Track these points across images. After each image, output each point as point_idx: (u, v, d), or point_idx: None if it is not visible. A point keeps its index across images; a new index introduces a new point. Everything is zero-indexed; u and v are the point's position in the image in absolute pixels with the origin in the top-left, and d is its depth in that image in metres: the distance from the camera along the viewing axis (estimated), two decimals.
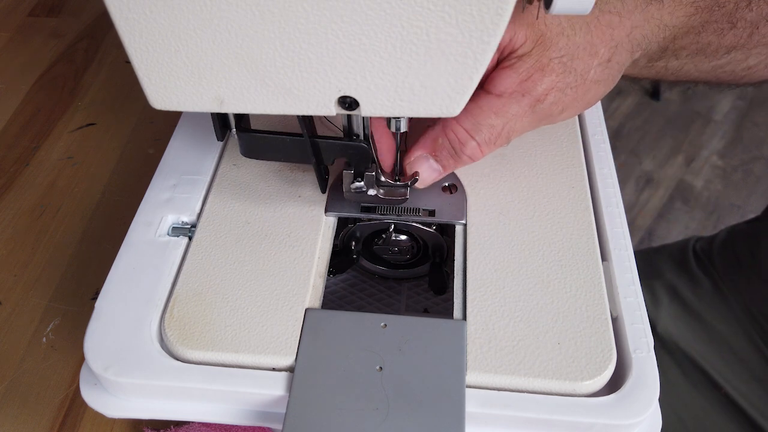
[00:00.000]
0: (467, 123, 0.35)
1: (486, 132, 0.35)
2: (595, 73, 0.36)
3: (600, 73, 0.37)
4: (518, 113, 0.35)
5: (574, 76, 0.36)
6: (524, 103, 0.35)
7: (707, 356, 0.60)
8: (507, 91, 0.35)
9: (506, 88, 0.35)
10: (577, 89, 0.36)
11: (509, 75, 0.35)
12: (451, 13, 0.24)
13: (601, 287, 0.34)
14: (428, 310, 0.42)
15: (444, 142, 0.36)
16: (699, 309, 0.62)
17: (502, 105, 0.35)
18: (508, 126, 0.36)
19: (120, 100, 0.61)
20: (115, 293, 0.34)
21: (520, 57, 0.35)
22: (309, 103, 0.28)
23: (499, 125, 0.35)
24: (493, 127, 0.35)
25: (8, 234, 0.50)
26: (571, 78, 0.36)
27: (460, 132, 0.35)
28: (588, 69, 0.36)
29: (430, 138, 0.36)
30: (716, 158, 1.65)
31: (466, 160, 0.36)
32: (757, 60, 0.42)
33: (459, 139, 0.35)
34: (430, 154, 0.37)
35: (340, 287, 0.43)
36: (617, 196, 0.39)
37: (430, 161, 0.37)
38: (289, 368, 0.31)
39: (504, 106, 0.35)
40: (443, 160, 0.37)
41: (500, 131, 0.36)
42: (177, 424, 0.39)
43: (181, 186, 0.40)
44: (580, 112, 0.41)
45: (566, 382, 0.30)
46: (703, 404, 0.59)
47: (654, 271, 0.67)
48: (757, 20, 0.39)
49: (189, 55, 0.27)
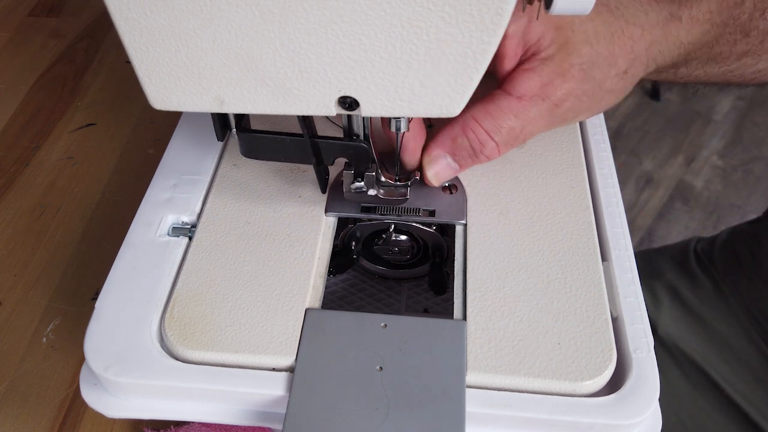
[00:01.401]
0: (487, 123, 0.35)
1: (505, 133, 0.36)
2: (612, 83, 0.37)
3: (615, 84, 0.37)
4: (536, 116, 0.35)
5: (591, 84, 0.36)
6: (543, 107, 0.35)
7: (708, 357, 0.60)
8: (528, 94, 0.35)
9: (527, 91, 0.35)
10: (592, 97, 0.36)
11: (531, 78, 0.35)
12: (451, 13, 0.24)
13: (601, 287, 0.34)
14: (428, 310, 0.42)
15: (463, 142, 0.36)
16: (700, 310, 0.62)
17: (522, 107, 0.35)
18: (527, 129, 0.36)
19: (120, 100, 0.61)
20: (115, 293, 0.34)
21: (543, 60, 0.35)
22: (309, 103, 0.28)
23: (518, 127, 0.36)
24: (512, 129, 0.36)
25: (8, 234, 0.50)
26: (589, 86, 0.36)
27: (480, 132, 0.36)
28: (605, 78, 0.36)
29: (449, 137, 0.36)
30: (716, 158, 1.65)
31: (483, 159, 0.37)
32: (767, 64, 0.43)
33: (479, 139, 0.36)
34: (449, 153, 0.37)
35: (340, 287, 0.43)
36: (617, 196, 0.39)
37: (448, 159, 0.37)
38: (289, 368, 0.31)
39: (524, 109, 0.35)
40: (461, 159, 0.37)
41: (518, 133, 0.36)
42: (177, 424, 0.39)
43: (181, 186, 0.40)
44: (589, 117, 0.42)
45: (566, 382, 0.30)
46: (704, 405, 0.59)
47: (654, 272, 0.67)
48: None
49: (189, 55, 0.27)
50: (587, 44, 0.35)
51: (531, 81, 0.35)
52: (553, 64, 0.35)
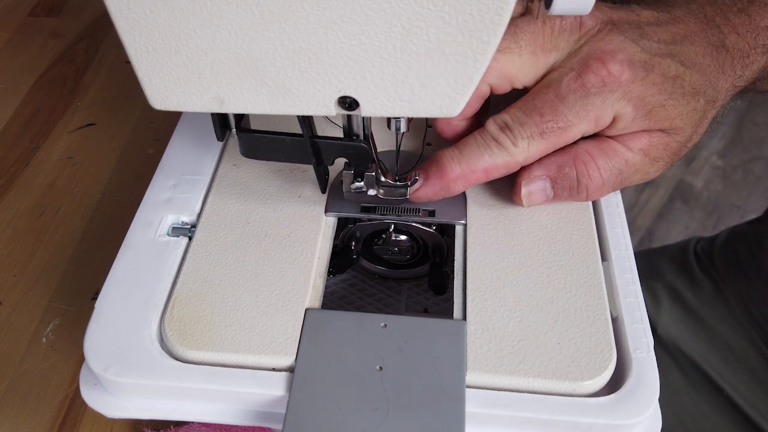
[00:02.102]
0: (601, 161, 0.35)
1: (615, 174, 0.36)
2: (683, 151, 0.37)
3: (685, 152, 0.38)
4: (639, 168, 0.36)
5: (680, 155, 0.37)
6: (646, 160, 0.36)
7: (708, 358, 0.60)
8: (636, 148, 0.35)
9: (636, 146, 0.35)
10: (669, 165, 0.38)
11: (642, 136, 0.35)
12: (451, 13, 0.24)
13: (601, 287, 0.34)
14: (428, 310, 0.42)
15: (570, 172, 0.36)
16: (700, 310, 0.62)
17: (632, 156, 0.36)
18: (629, 178, 0.36)
19: (120, 100, 0.61)
20: (115, 293, 0.34)
21: (668, 133, 0.35)
22: (309, 103, 0.28)
23: (625, 172, 0.36)
24: (621, 173, 0.36)
25: (8, 234, 0.50)
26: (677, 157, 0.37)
27: (593, 168, 0.35)
28: (685, 145, 0.37)
29: (557, 163, 0.36)
30: (716, 158, 1.65)
31: (582, 196, 0.36)
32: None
33: (589, 173, 0.35)
34: (550, 178, 0.36)
35: (340, 287, 0.43)
36: (617, 196, 0.39)
37: (547, 184, 0.36)
38: (289, 368, 0.31)
39: (633, 158, 0.36)
40: (559, 189, 0.36)
41: (623, 179, 0.36)
42: (177, 424, 0.39)
43: (181, 186, 0.40)
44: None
45: (566, 382, 0.30)
46: (704, 407, 0.59)
47: (654, 272, 0.67)
48: None
49: (189, 55, 0.27)
50: (696, 135, 0.36)
51: (640, 141, 0.35)
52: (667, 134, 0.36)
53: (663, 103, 0.34)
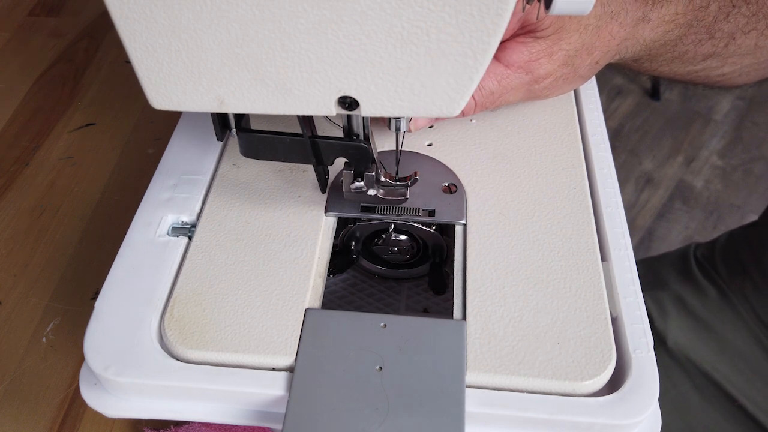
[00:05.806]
0: None
1: (486, 94, 0.37)
2: (585, 70, 0.39)
3: (587, 71, 0.40)
4: (516, 86, 0.38)
5: (570, 69, 0.39)
6: (524, 79, 0.38)
7: (719, 367, 0.59)
8: (514, 64, 0.37)
9: (514, 62, 0.37)
10: (566, 80, 0.39)
11: (521, 51, 0.37)
12: (451, 13, 0.24)
13: (601, 287, 0.34)
14: (428, 310, 0.42)
15: None
16: (707, 318, 0.61)
17: (505, 75, 0.37)
18: (504, 96, 0.38)
19: (120, 100, 0.61)
20: (115, 293, 0.34)
21: (536, 38, 0.37)
22: (309, 103, 0.28)
23: (497, 92, 0.38)
24: (492, 93, 0.37)
25: (8, 234, 0.50)
26: (567, 70, 0.39)
27: None
28: (582, 66, 0.39)
29: None
30: (716, 158, 1.65)
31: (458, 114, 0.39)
32: (731, 68, 0.45)
33: None
34: None
35: (340, 287, 0.43)
36: (617, 196, 0.39)
37: None
38: (289, 368, 0.31)
39: (507, 77, 0.37)
40: None
41: (497, 98, 0.38)
42: (177, 424, 0.39)
43: (181, 186, 0.40)
44: (556, 96, 0.44)
45: (566, 382, 0.30)
46: (717, 417, 0.58)
47: (658, 282, 0.65)
48: (734, 31, 0.41)
49: (189, 55, 0.27)
50: (577, 33, 0.37)
51: (521, 54, 0.37)
52: (545, 44, 0.37)
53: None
